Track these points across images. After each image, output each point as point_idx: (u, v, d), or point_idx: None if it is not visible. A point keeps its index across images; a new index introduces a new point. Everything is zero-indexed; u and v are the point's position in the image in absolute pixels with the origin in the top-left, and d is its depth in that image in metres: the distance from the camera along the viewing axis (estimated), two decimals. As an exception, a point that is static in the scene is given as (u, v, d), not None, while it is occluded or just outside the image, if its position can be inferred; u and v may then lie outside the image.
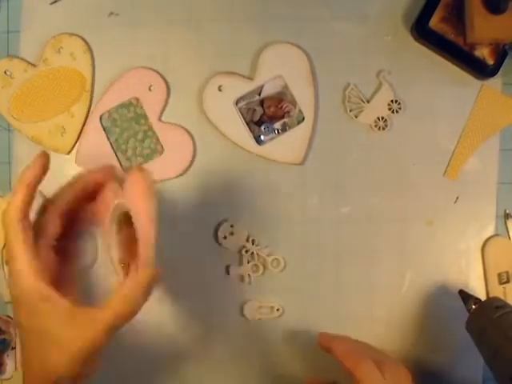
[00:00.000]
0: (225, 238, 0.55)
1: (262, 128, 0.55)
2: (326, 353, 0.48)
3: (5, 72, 0.55)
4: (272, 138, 0.55)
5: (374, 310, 0.56)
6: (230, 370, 0.56)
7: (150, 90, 0.55)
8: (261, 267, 0.55)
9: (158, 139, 0.55)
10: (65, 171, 0.56)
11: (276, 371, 0.56)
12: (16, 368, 0.55)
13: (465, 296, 0.51)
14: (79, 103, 0.55)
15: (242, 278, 0.55)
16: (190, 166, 0.56)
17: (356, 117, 0.55)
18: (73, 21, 0.56)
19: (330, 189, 0.56)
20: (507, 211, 0.56)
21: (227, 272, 0.55)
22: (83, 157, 0.55)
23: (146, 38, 0.56)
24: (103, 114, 0.55)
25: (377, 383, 0.43)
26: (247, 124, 0.55)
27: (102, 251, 0.43)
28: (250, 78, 0.55)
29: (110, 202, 0.41)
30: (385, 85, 0.55)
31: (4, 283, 0.56)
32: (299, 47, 0.55)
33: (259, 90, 0.55)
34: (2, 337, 0.55)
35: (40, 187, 0.55)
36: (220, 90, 0.55)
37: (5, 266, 0.55)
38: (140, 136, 0.56)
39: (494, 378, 0.46)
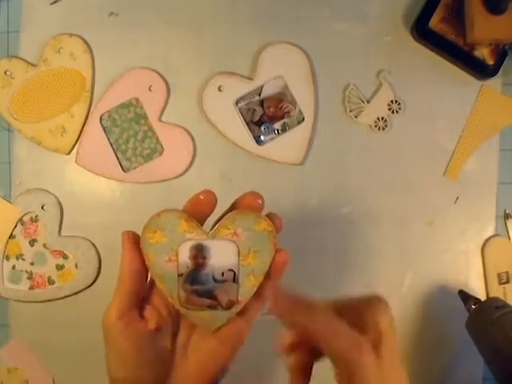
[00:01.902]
0: (225, 238, 0.55)
1: (262, 128, 0.55)
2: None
3: (5, 72, 0.55)
4: (272, 138, 0.55)
5: (374, 310, 0.56)
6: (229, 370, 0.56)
7: (150, 90, 0.55)
8: (261, 267, 0.55)
9: (158, 139, 0.55)
10: (65, 171, 0.56)
11: (276, 371, 0.56)
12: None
13: (465, 296, 0.51)
14: (79, 103, 0.55)
15: (242, 278, 0.55)
16: (189, 165, 0.56)
17: (356, 117, 0.55)
18: (73, 21, 0.56)
19: (330, 189, 0.56)
20: (507, 211, 0.56)
21: (227, 272, 0.55)
22: (83, 157, 0.55)
23: (146, 38, 0.56)
24: (103, 114, 0.55)
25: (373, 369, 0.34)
26: (247, 124, 0.55)
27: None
28: (250, 78, 0.55)
29: None
30: (385, 85, 0.55)
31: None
32: (299, 47, 0.55)
33: (259, 90, 0.55)
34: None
35: (41, 186, 0.56)
36: (220, 90, 0.55)
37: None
38: (140, 136, 0.56)
39: (494, 378, 0.46)
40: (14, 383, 0.56)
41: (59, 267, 0.55)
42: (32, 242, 0.55)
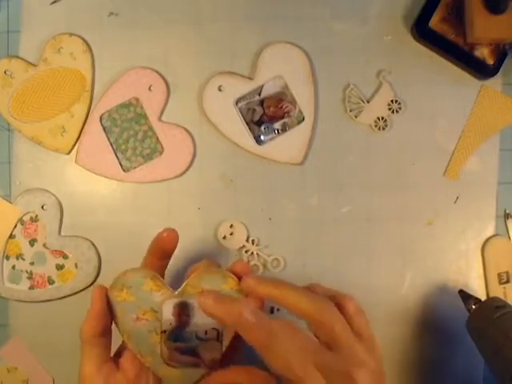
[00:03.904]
0: (224, 238, 0.55)
1: (262, 128, 0.55)
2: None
3: (5, 72, 0.55)
4: (272, 138, 0.55)
5: (374, 310, 0.56)
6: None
7: (149, 90, 0.55)
8: (261, 267, 0.55)
9: (157, 139, 0.55)
10: (65, 171, 0.56)
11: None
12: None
13: (465, 296, 0.51)
14: (79, 103, 0.55)
15: (242, 278, 0.55)
16: (190, 165, 0.56)
17: (356, 117, 0.55)
18: (73, 21, 0.56)
19: (329, 189, 0.56)
20: (507, 211, 0.56)
21: (227, 272, 0.55)
22: (83, 157, 0.55)
23: (145, 38, 0.56)
24: (103, 114, 0.55)
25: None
26: (247, 124, 0.55)
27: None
28: (250, 78, 0.55)
29: None
30: (385, 85, 0.55)
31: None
32: (299, 47, 0.55)
33: (259, 90, 0.55)
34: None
35: (41, 186, 0.56)
36: (220, 89, 0.55)
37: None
38: (140, 136, 0.56)
39: (494, 378, 0.46)
40: (13, 383, 0.56)
41: (59, 267, 0.55)
42: (32, 242, 0.55)
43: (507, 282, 0.55)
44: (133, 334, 0.39)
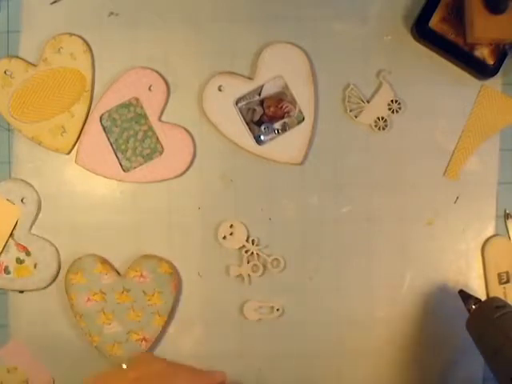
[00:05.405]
0: (224, 238, 0.55)
1: (262, 128, 0.55)
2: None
3: (5, 72, 0.55)
4: (272, 138, 0.55)
5: (374, 310, 0.56)
6: (229, 369, 0.56)
7: (149, 89, 0.55)
8: (261, 267, 0.55)
9: (157, 139, 0.55)
10: (65, 171, 0.56)
11: (276, 371, 0.56)
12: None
13: (465, 296, 0.51)
14: (79, 103, 0.55)
15: (242, 278, 0.55)
16: (190, 165, 0.56)
17: (356, 117, 0.55)
18: (73, 21, 0.56)
19: (330, 189, 0.56)
20: (507, 211, 0.56)
21: (227, 272, 0.55)
22: (83, 157, 0.55)
23: (145, 38, 0.56)
24: (103, 114, 0.55)
25: None
26: (247, 124, 0.55)
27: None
28: (250, 78, 0.55)
29: None
30: (385, 85, 0.55)
31: None
32: (299, 47, 0.55)
33: (259, 90, 0.55)
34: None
35: (38, 187, 0.56)
36: (220, 89, 0.55)
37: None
38: (140, 136, 0.56)
39: (494, 378, 0.46)
40: (13, 383, 0.56)
41: (19, 261, 0.55)
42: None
43: (507, 282, 0.55)
44: (84, 314, 0.45)
